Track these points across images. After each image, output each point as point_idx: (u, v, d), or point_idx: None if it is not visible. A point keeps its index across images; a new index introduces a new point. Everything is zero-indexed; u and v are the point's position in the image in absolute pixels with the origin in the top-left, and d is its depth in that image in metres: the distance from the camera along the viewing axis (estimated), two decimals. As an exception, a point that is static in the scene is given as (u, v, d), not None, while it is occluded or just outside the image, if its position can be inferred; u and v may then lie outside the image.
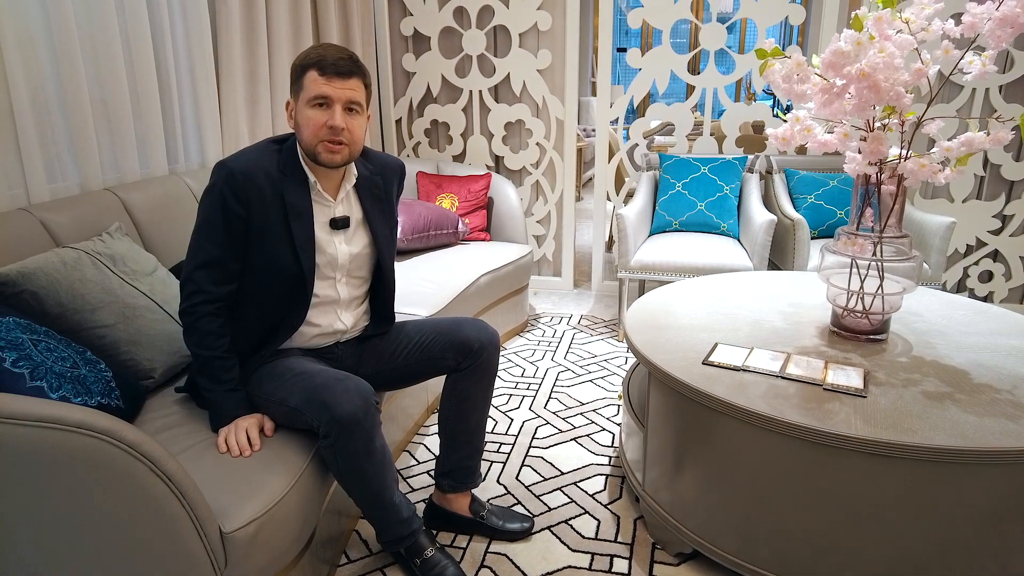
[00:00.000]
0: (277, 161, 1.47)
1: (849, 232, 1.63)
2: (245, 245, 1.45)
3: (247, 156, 1.45)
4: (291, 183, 1.46)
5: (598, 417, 2.35)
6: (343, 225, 1.54)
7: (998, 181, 3.21)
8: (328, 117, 1.41)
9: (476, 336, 1.61)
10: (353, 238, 1.57)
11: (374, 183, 1.61)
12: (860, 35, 1.40)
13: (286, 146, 1.50)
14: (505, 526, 1.71)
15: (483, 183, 3.25)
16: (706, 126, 3.51)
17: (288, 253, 1.46)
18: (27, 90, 1.74)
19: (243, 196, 1.41)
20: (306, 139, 1.43)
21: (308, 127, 1.42)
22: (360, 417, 1.32)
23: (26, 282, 1.40)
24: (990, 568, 1.29)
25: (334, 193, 1.54)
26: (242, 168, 1.41)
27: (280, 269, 1.46)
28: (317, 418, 1.33)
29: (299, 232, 1.46)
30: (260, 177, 1.43)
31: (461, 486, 1.71)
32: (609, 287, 3.78)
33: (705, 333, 1.74)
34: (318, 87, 1.40)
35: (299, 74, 1.42)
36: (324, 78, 1.40)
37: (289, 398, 1.39)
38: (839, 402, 1.36)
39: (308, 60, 1.41)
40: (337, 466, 1.38)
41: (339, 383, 1.35)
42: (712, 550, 1.52)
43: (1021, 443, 1.20)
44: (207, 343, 1.42)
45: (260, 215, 1.43)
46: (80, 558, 1.04)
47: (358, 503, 1.46)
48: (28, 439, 0.95)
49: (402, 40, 3.60)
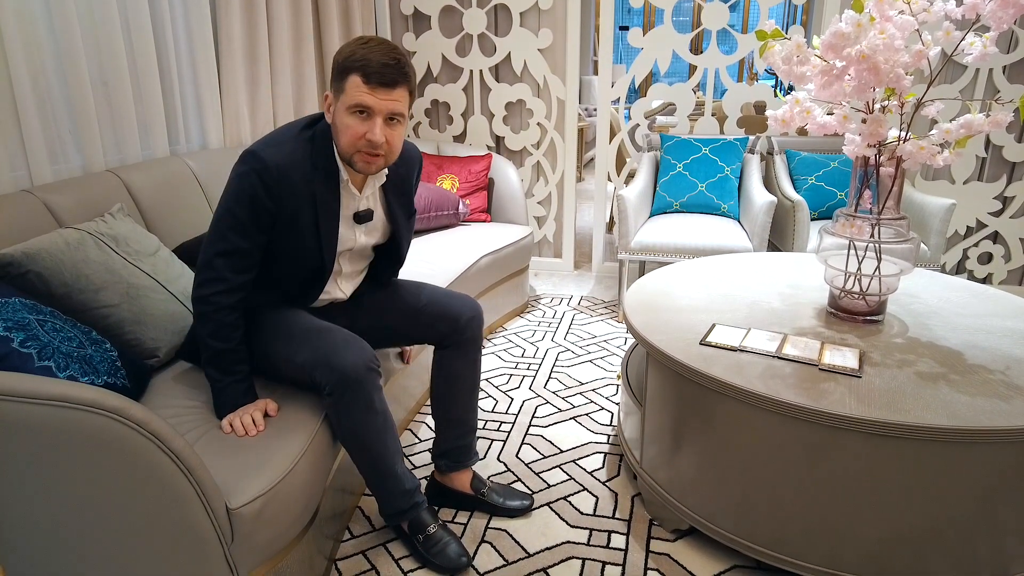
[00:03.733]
0: (310, 153, 1.42)
1: (847, 214, 1.64)
2: (270, 235, 1.44)
3: (282, 149, 1.39)
4: (321, 176, 1.44)
5: (597, 397, 2.37)
6: (367, 219, 1.55)
7: (1000, 163, 3.20)
8: (368, 129, 1.35)
9: (464, 312, 1.67)
10: (373, 229, 1.60)
11: (399, 175, 1.60)
12: (861, 16, 1.39)
13: (318, 133, 1.44)
14: (506, 503, 1.74)
15: (484, 164, 3.25)
16: (708, 106, 3.50)
17: (313, 246, 1.48)
18: (28, 72, 1.74)
19: (275, 192, 1.38)
20: (343, 145, 1.39)
21: (346, 134, 1.37)
22: (362, 376, 1.37)
23: (31, 263, 1.42)
24: (983, 545, 1.32)
25: (361, 187, 1.53)
26: (277, 163, 1.37)
27: (304, 257, 1.49)
28: (322, 376, 1.38)
29: (325, 226, 1.47)
30: (294, 173, 1.39)
31: (458, 465, 1.75)
32: (609, 268, 3.79)
33: (703, 314, 1.75)
34: (360, 95, 1.33)
35: (341, 74, 1.35)
36: (368, 87, 1.32)
37: (295, 356, 1.43)
38: (834, 382, 1.38)
39: (352, 61, 1.33)
40: (341, 427, 1.43)
41: (344, 344, 1.40)
42: (709, 527, 1.55)
43: (1013, 422, 1.22)
44: (223, 335, 1.40)
45: (289, 209, 1.41)
46: (89, 534, 1.07)
47: (361, 469, 1.50)
48: (39, 418, 0.97)
49: (402, 19, 3.57)
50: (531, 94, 3.53)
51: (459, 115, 3.65)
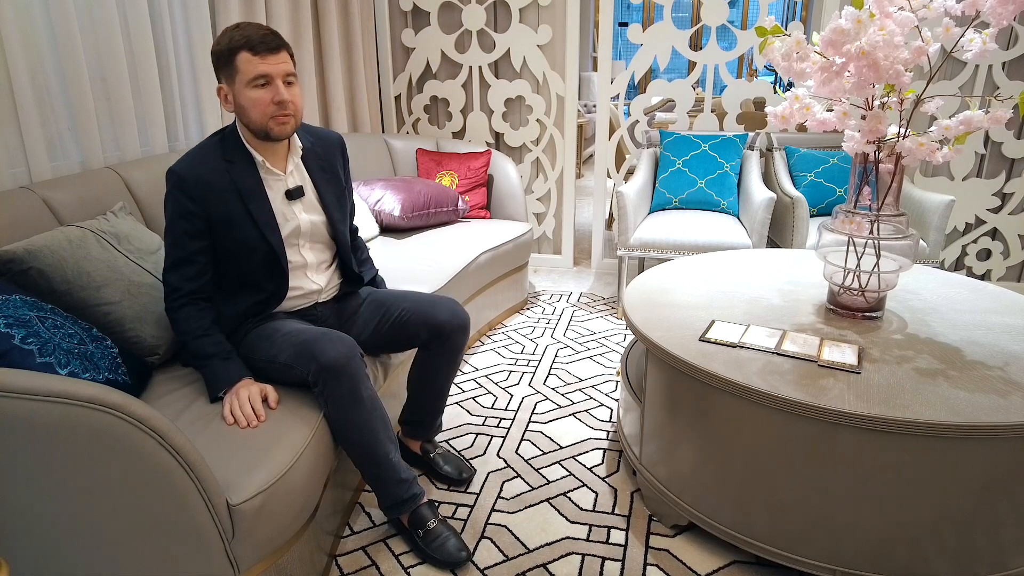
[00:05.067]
0: (221, 151, 1.52)
1: (847, 210, 1.64)
2: (211, 237, 1.52)
3: (191, 156, 1.52)
4: (239, 168, 1.53)
5: (596, 393, 2.38)
6: (299, 195, 1.61)
7: (999, 159, 3.20)
8: (273, 94, 1.45)
9: (448, 320, 1.72)
10: (311, 207, 1.65)
11: (316, 154, 1.67)
12: (860, 13, 1.39)
13: (227, 133, 1.55)
14: (443, 467, 1.86)
15: (483, 160, 3.24)
16: (707, 103, 3.49)
17: (255, 233, 1.53)
18: (27, 68, 1.74)
19: (196, 195, 1.48)
20: (255, 119, 1.47)
21: (255, 108, 1.46)
22: (344, 362, 1.42)
23: (33, 259, 1.42)
24: (980, 539, 1.33)
25: (283, 167, 1.60)
26: (191, 170, 1.48)
27: (251, 249, 1.54)
28: (305, 367, 1.43)
29: (258, 211, 1.53)
30: (207, 172, 1.49)
31: (418, 435, 1.90)
32: (609, 265, 3.79)
33: (703, 310, 1.76)
34: (255, 67, 1.43)
35: (228, 58, 1.44)
36: (259, 57, 1.43)
37: (279, 355, 1.48)
38: (833, 378, 1.39)
39: (235, 43, 1.43)
40: (331, 417, 1.46)
41: (324, 335, 1.46)
42: (708, 522, 1.56)
43: (1011, 418, 1.23)
44: (190, 327, 1.49)
45: (217, 207, 1.50)
46: (91, 531, 1.08)
47: (354, 458, 1.52)
48: (41, 414, 0.97)
49: (401, 15, 3.57)
50: (530, 90, 3.53)
51: (458, 111, 3.65)
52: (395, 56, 3.66)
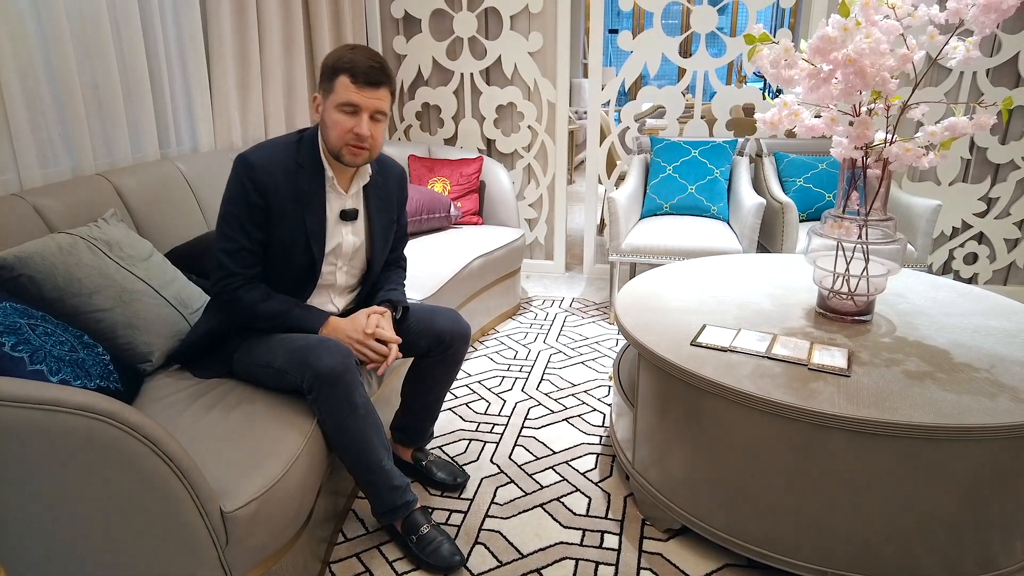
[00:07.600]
0: (295, 154, 1.54)
1: (835, 215, 1.66)
2: (266, 231, 1.53)
3: (266, 149, 1.53)
4: (306, 174, 1.55)
5: (589, 398, 2.38)
6: (352, 217, 1.63)
7: (984, 164, 3.24)
8: (355, 124, 1.48)
9: (449, 329, 1.72)
10: (360, 230, 1.66)
11: (377, 183, 1.69)
12: (847, 21, 1.41)
13: (306, 138, 1.57)
14: (436, 475, 1.85)
15: (475, 166, 3.25)
16: (697, 109, 3.52)
17: (301, 240, 1.55)
18: (17, 74, 1.74)
19: (262, 188, 1.49)
20: (332, 140, 1.51)
21: (335, 130, 1.49)
22: (340, 371, 1.42)
23: (23, 266, 1.41)
24: (969, 540, 1.34)
25: (347, 187, 1.62)
26: (260, 161, 1.50)
27: (293, 255, 1.55)
28: (300, 374, 1.43)
29: (312, 221, 1.55)
30: (277, 169, 1.51)
31: (410, 442, 1.89)
32: (600, 270, 3.81)
33: (694, 315, 1.77)
34: (348, 94, 1.46)
35: (330, 75, 1.48)
36: (355, 86, 1.46)
37: (274, 360, 1.49)
38: (823, 382, 1.40)
39: (341, 64, 1.46)
40: (325, 425, 1.47)
41: (320, 343, 1.47)
42: (701, 526, 1.56)
43: (998, 420, 1.24)
44: (252, 297, 1.52)
45: (278, 204, 1.51)
46: (84, 538, 1.07)
47: (347, 465, 1.52)
48: (31, 422, 0.97)
49: (393, 22, 3.58)
50: (522, 97, 3.55)
51: (450, 118, 3.66)
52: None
